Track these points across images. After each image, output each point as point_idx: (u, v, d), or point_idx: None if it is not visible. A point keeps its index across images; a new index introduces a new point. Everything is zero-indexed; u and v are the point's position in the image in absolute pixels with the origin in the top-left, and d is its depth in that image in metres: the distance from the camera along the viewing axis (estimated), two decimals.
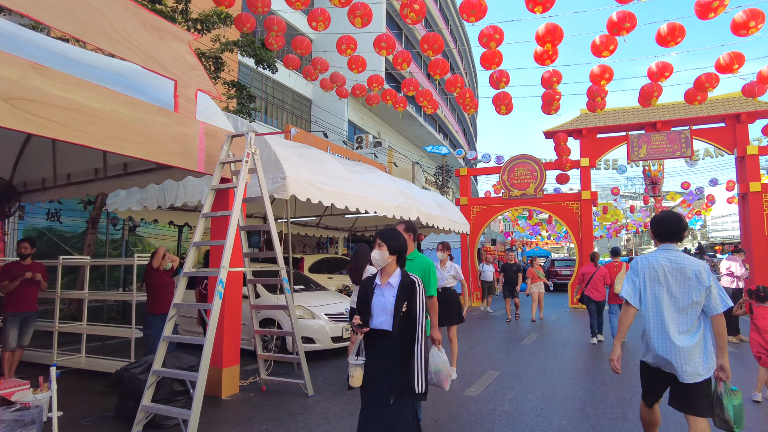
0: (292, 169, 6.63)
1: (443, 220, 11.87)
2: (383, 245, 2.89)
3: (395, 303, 2.79)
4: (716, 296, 2.86)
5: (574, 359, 6.96)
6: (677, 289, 2.93)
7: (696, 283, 2.88)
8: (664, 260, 3.00)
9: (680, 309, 2.91)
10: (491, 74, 10.05)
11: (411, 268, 3.54)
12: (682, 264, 2.95)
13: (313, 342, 6.88)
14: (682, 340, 2.84)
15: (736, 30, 7.43)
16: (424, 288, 2.90)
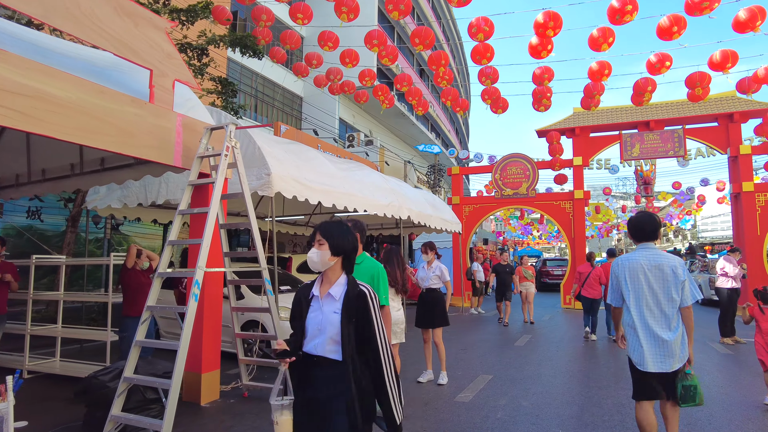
0: (278, 166, 6.38)
1: (435, 219, 11.67)
2: (324, 243, 2.20)
3: (340, 321, 2.10)
4: (688, 290, 3.10)
5: (568, 361, 6.77)
6: (657, 286, 3.10)
7: (673, 278, 3.07)
8: (642, 259, 3.17)
9: (660, 306, 3.07)
10: (480, 70, 9.86)
11: (357, 274, 3.06)
12: (660, 261, 3.12)
13: None
14: (667, 335, 3.02)
15: (739, 28, 7.30)
16: (375, 300, 2.21)
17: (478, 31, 8.39)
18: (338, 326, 2.09)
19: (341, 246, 2.21)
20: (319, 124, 21.56)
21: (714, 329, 9.75)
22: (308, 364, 2.17)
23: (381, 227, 14.52)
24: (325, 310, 2.16)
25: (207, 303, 4.90)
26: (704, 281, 15.66)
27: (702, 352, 7.44)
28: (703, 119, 14.34)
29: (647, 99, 9.90)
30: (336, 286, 2.21)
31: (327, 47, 9.41)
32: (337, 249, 2.21)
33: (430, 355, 5.77)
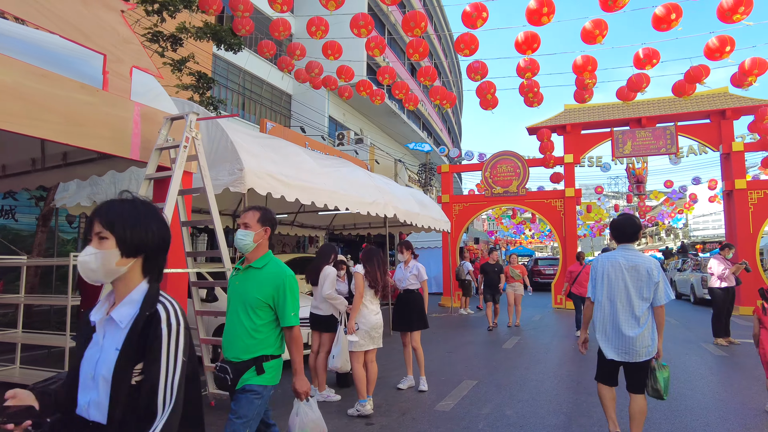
0: (252, 160, 6.08)
1: (423, 217, 11.38)
2: (107, 236, 1.34)
3: (116, 363, 1.30)
4: (662, 290, 3.29)
5: (557, 366, 6.49)
6: (632, 285, 3.32)
7: (648, 279, 3.28)
8: (621, 259, 3.38)
9: (632, 303, 3.29)
10: (469, 65, 9.60)
11: (257, 284, 2.64)
12: (637, 262, 3.33)
13: None
14: (633, 331, 3.25)
15: (724, 17, 7.07)
16: (181, 328, 1.38)
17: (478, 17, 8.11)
18: (113, 371, 1.29)
19: (137, 239, 1.37)
20: (308, 122, 21.20)
21: (707, 330, 9.53)
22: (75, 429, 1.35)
23: (369, 226, 14.22)
24: (105, 345, 1.34)
25: None
26: (696, 280, 15.48)
27: (695, 354, 7.19)
28: (696, 116, 14.15)
29: (634, 96, 9.67)
30: (124, 305, 1.37)
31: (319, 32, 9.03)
32: (130, 245, 1.36)
33: (410, 360, 5.47)
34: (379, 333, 4.45)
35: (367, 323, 4.37)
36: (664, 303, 3.31)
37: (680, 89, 9.54)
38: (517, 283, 10.45)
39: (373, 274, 4.40)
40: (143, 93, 4.56)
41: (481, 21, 8.02)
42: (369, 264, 4.46)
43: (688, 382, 5.51)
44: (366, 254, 4.55)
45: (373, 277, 4.38)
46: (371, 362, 4.53)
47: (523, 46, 8.11)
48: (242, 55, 19.59)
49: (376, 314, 4.45)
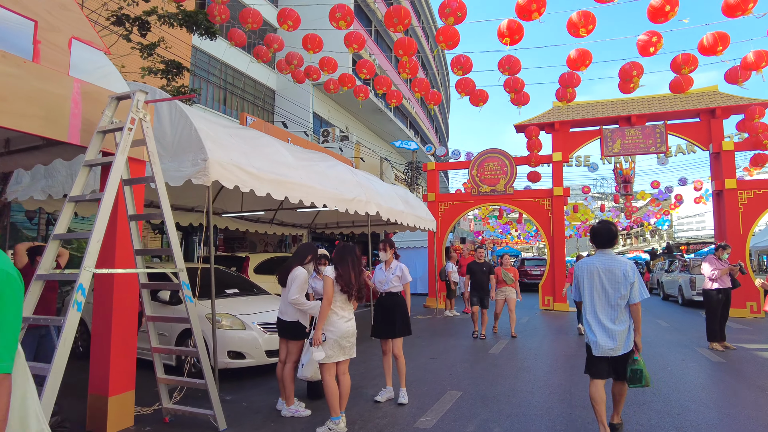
0: (218, 150, 5.54)
1: (408, 216, 10.90)
2: None
3: None
4: (636, 289, 3.63)
5: (548, 373, 6.07)
6: (609, 286, 3.67)
7: (623, 279, 3.63)
8: (599, 263, 3.74)
9: (611, 302, 3.65)
10: (453, 59, 9.19)
11: None
12: (613, 266, 3.68)
13: (243, 357, 5.79)
14: (614, 326, 3.62)
15: (730, 11, 6.75)
16: None
17: (451, 13, 7.72)
18: None
19: None
20: (292, 119, 20.64)
21: (699, 333, 9.22)
22: None
23: (353, 225, 13.72)
24: None
25: (118, 311, 4.04)
26: (684, 281, 15.25)
27: (692, 360, 6.83)
28: (685, 114, 13.90)
29: (635, 86, 9.29)
30: None
31: (285, 26, 8.64)
32: None
33: (389, 370, 4.99)
34: (351, 342, 3.96)
35: (336, 332, 3.88)
36: (639, 300, 3.67)
37: (677, 86, 9.18)
38: (509, 288, 9.21)
39: (346, 277, 3.91)
40: (88, 70, 4.02)
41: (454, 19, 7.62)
42: (342, 265, 3.96)
43: (690, 393, 5.11)
44: (338, 253, 4.05)
45: (347, 280, 3.90)
46: (343, 374, 4.03)
47: (506, 35, 7.70)
48: (223, 47, 18.99)
49: (347, 321, 3.96)
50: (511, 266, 9.67)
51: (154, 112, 5.89)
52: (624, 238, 60.79)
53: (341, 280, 3.89)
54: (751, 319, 11.60)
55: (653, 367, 6.26)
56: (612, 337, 3.60)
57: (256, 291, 7.64)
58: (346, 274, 3.92)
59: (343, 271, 3.93)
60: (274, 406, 4.66)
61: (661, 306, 15.56)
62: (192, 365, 5.98)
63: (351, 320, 4.00)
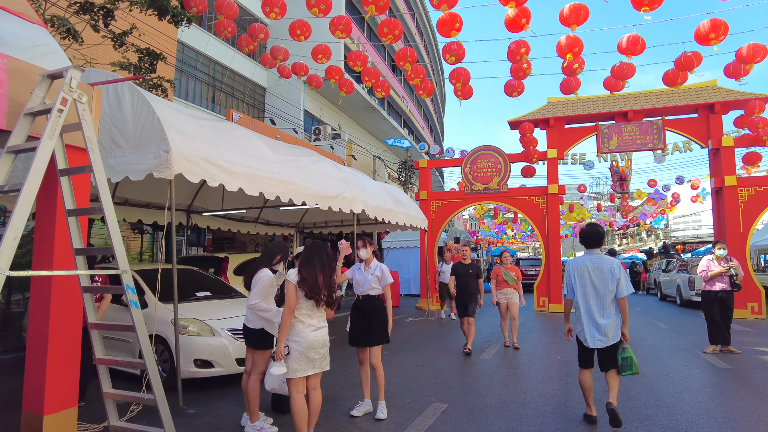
0: (183, 141, 5.10)
1: (397, 214, 10.44)
2: None
3: None
4: (623, 285, 3.99)
5: (542, 382, 5.64)
6: (598, 282, 4.02)
7: (610, 275, 3.99)
8: (588, 262, 4.11)
9: (601, 297, 3.99)
10: (444, 45, 8.76)
11: None
12: (601, 264, 4.05)
13: (211, 366, 5.34)
14: (603, 320, 3.95)
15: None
16: None
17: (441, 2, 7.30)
18: None
19: None
20: (283, 116, 20.17)
21: (699, 335, 8.84)
22: None
23: (341, 224, 13.27)
24: None
25: (57, 318, 3.58)
26: (683, 281, 14.88)
27: (696, 366, 6.40)
28: (683, 110, 13.52)
29: (621, 87, 8.90)
30: None
31: (272, 15, 8.21)
32: None
33: (367, 381, 4.54)
34: (321, 353, 3.51)
35: (302, 342, 3.43)
36: (626, 295, 4.02)
37: (671, 79, 8.77)
38: (511, 291, 8.00)
39: (311, 280, 3.45)
40: (20, 46, 3.56)
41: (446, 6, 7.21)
42: (306, 268, 3.50)
43: (697, 405, 4.69)
44: (306, 252, 3.60)
45: (312, 284, 3.44)
46: (314, 389, 3.58)
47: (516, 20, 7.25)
48: (208, 42, 18.52)
49: (315, 330, 3.49)
50: (513, 265, 8.35)
51: (116, 101, 5.47)
52: (620, 238, 60.57)
53: (305, 285, 3.44)
54: (753, 320, 11.22)
55: (655, 375, 5.84)
56: (602, 333, 3.98)
57: (232, 294, 7.17)
58: (312, 277, 3.46)
59: (307, 274, 3.47)
60: (238, 422, 4.21)
61: (659, 307, 15.18)
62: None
63: (321, 329, 3.55)
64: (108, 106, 5.45)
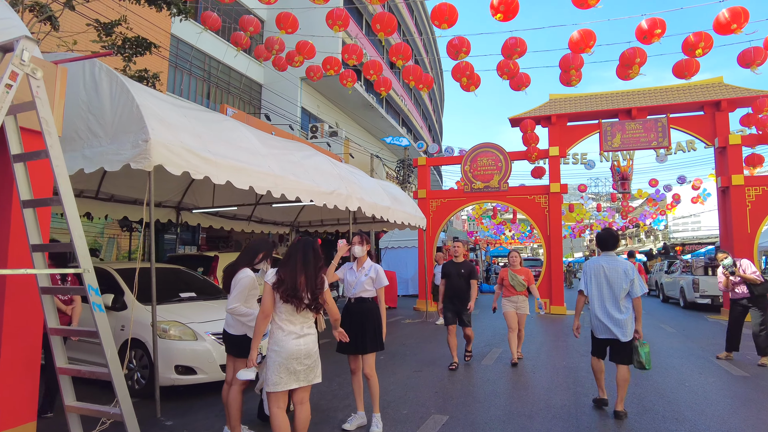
0: (164, 131, 4.72)
1: (395, 212, 10.07)
2: None
3: None
4: (636, 285, 4.39)
5: (548, 390, 5.27)
6: (613, 282, 4.43)
7: (624, 276, 4.41)
8: (604, 263, 4.53)
9: (616, 295, 4.40)
10: (449, 41, 8.41)
11: None
12: (616, 265, 4.48)
13: (193, 372, 4.96)
14: (619, 315, 4.35)
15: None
16: None
17: None
18: None
19: None
20: (279, 113, 19.78)
21: (710, 339, 8.52)
22: None
23: (338, 222, 12.89)
24: None
25: (11, 322, 3.20)
26: (687, 283, 14.54)
27: (711, 374, 6.03)
28: (689, 107, 13.17)
29: (634, 73, 8.51)
30: None
31: None
32: None
33: (360, 391, 4.16)
34: (306, 365, 3.08)
35: (282, 352, 3.02)
36: (639, 295, 4.37)
37: (682, 69, 8.39)
38: (520, 297, 6.78)
39: (290, 282, 3.03)
40: None
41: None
42: (285, 267, 3.09)
43: (719, 419, 4.32)
44: (289, 251, 3.22)
45: (290, 286, 3.02)
46: (300, 404, 3.17)
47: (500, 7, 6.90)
48: (204, 37, 18.13)
49: (298, 338, 3.06)
50: (522, 267, 6.96)
51: (94, 87, 5.09)
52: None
53: (281, 287, 3.02)
54: None
55: (670, 383, 5.49)
56: (619, 325, 4.33)
57: (220, 296, 6.77)
58: (291, 278, 3.04)
59: (285, 274, 3.06)
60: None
61: (662, 309, 14.84)
62: (135, 381, 5.14)
63: (305, 337, 3.12)
64: (85, 92, 5.09)
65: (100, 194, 8.29)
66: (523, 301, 6.79)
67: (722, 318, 11.98)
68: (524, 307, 6.78)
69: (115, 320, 5.28)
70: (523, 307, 6.78)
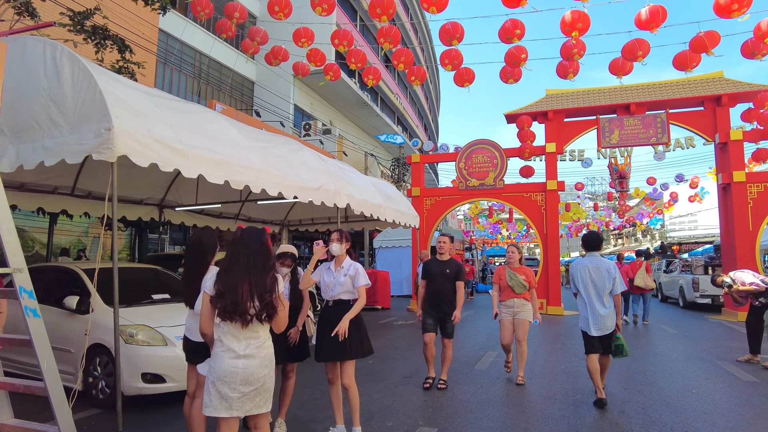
0: (131, 119, 4.35)
1: (387, 210, 9.71)
2: None
3: None
4: (617, 283, 4.77)
5: (546, 399, 4.92)
6: (598, 281, 4.82)
7: (607, 275, 4.79)
8: (589, 263, 4.92)
9: (600, 293, 4.78)
10: (442, 27, 8.06)
11: None
12: (600, 265, 4.87)
13: (162, 380, 4.58)
14: (604, 311, 4.74)
15: None
16: None
17: None
18: None
19: None
20: (272, 111, 19.40)
21: (712, 341, 8.19)
22: None
23: (329, 221, 12.52)
24: None
25: None
26: (686, 282, 14.24)
27: (719, 379, 5.69)
28: (688, 102, 12.87)
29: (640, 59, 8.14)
30: None
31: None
32: None
33: (339, 403, 3.78)
34: (242, 392, 2.48)
35: (214, 371, 2.50)
36: (619, 292, 4.74)
37: (684, 62, 8.06)
38: (519, 301, 5.56)
39: (232, 295, 2.48)
40: None
41: None
42: (225, 276, 2.54)
43: (731, 431, 3.99)
44: (229, 251, 2.65)
45: (231, 301, 2.48)
46: (255, 430, 2.69)
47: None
48: (191, 31, 17.74)
49: (235, 358, 2.49)
50: (521, 265, 5.74)
51: (55, 73, 4.70)
52: (615, 238, 60.16)
53: (220, 302, 2.50)
54: None
55: (676, 391, 5.15)
56: (603, 323, 4.70)
57: None
58: (231, 290, 2.48)
59: (225, 285, 2.50)
60: None
61: (661, 309, 14.53)
62: (99, 390, 4.76)
63: (246, 358, 2.50)
64: (46, 79, 4.70)
65: (76, 191, 7.90)
66: (521, 305, 5.53)
67: (723, 318, 11.67)
68: (523, 312, 5.53)
69: (80, 324, 4.90)
70: (522, 312, 5.52)
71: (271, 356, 2.65)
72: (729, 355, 6.99)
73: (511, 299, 5.59)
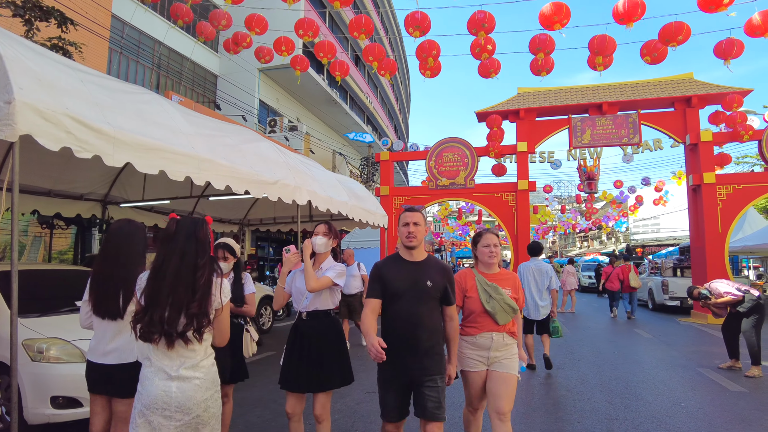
0: (41, 92, 3.61)
1: (354, 209, 9.07)
2: None
3: None
4: (554, 281, 6.28)
5: (541, 409, 4.41)
6: (539, 279, 6.26)
7: (546, 275, 6.25)
8: (533, 265, 6.34)
9: (539, 289, 6.25)
10: (407, 16, 7.55)
11: None
12: (540, 267, 6.32)
13: (79, 405, 3.84)
14: (542, 302, 6.23)
15: None
16: None
17: None
18: None
19: None
20: (235, 105, 18.49)
21: (691, 347, 7.92)
22: None
23: (292, 221, 11.79)
24: None
25: None
26: (656, 284, 14.16)
27: (705, 389, 5.31)
28: (659, 103, 12.77)
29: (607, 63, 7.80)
30: None
31: None
32: None
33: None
34: (177, 420, 1.97)
35: (142, 396, 2.00)
36: (555, 288, 6.32)
37: (651, 50, 7.68)
38: (501, 337, 2.96)
39: (154, 313, 2.00)
40: None
41: None
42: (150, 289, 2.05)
43: None
44: (158, 252, 2.09)
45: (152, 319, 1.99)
46: None
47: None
48: (153, 22, 16.73)
49: (167, 379, 1.99)
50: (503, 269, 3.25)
51: None
52: (581, 241, 61.16)
53: (140, 321, 2.01)
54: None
55: (663, 404, 4.73)
56: (539, 310, 6.20)
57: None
58: (153, 308, 2.00)
59: (148, 300, 2.03)
60: None
61: None
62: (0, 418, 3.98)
63: (178, 380, 2.00)
64: None
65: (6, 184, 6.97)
66: (505, 346, 2.97)
67: (693, 321, 11.55)
68: (511, 360, 2.97)
69: None
70: (509, 361, 2.96)
71: (213, 376, 2.13)
72: (709, 362, 6.68)
73: (486, 334, 2.95)
